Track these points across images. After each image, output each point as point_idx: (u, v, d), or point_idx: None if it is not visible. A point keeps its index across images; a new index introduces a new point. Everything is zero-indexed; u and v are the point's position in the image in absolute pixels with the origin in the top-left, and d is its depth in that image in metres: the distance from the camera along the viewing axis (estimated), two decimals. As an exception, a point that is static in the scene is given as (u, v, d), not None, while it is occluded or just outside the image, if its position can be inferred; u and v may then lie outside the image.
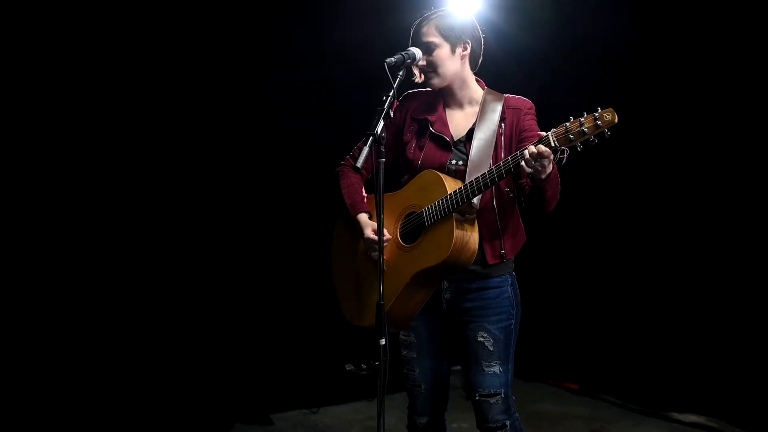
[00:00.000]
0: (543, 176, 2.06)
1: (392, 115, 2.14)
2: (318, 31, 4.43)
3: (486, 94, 2.39)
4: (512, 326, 2.36)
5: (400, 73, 2.22)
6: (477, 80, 2.44)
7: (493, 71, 2.65)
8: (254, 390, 4.18)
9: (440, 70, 2.32)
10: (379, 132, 2.04)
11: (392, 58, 2.21)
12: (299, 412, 4.17)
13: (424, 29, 2.33)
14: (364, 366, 2.04)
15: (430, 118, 2.38)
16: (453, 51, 2.32)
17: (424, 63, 2.31)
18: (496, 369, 2.32)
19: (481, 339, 2.32)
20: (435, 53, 2.31)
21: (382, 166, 2.05)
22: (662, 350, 4.28)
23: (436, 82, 2.34)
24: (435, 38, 2.31)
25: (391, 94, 2.13)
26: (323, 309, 3.42)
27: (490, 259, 2.30)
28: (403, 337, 2.45)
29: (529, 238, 2.48)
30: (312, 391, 4.25)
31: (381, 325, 2.03)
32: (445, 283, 2.35)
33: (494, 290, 2.33)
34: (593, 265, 4.68)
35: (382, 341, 2.01)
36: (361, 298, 2.40)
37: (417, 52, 2.29)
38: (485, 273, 2.32)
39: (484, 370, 2.33)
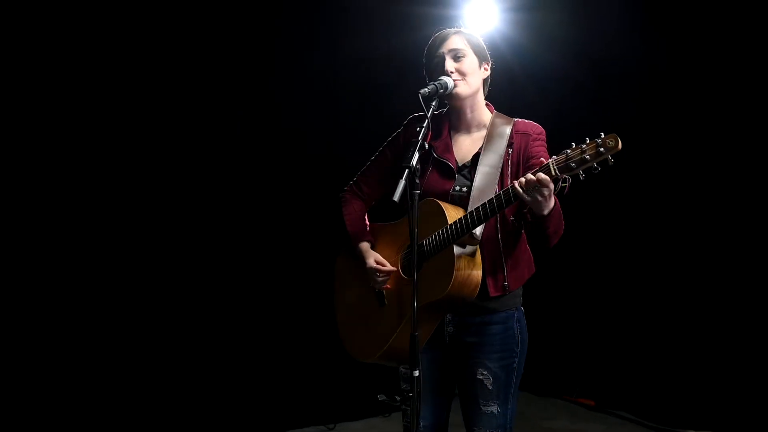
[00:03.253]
0: (545, 212, 1.96)
1: (426, 146, 2.06)
2: (327, 41, 4.45)
3: (495, 117, 2.29)
4: (515, 365, 2.23)
5: (434, 103, 2.15)
6: (486, 104, 2.36)
7: (510, 88, 2.59)
8: (271, 406, 4.19)
9: (469, 79, 2.23)
10: (414, 164, 1.97)
11: (426, 89, 2.14)
12: (315, 429, 4.18)
13: (453, 38, 2.26)
14: (398, 398, 2.01)
15: (433, 143, 2.29)
16: (479, 65, 2.28)
17: (452, 70, 2.23)
18: (494, 409, 2.20)
19: (481, 376, 2.20)
20: (464, 61, 2.24)
21: (417, 197, 1.97)
22: (678, 367, 4.29)
23: (463, 90, 2.23)
24: (465, 48, 2.26)
25: (425, 124, 2.07)
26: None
27: (492, 291, 2.18)
28: (403, 370, 2.24)
29: (543, 255, 2.33)
30: (328, 407, 4.26)
31: (415, 356, 1.96)
32: (449, 316, 2.24)
33: (499, 326, 2.22)
34: (609, 282, 4.68)
35: (416, 373, 1.94)
36: (363, 332, 2.33)
37: (449, 81, 2.21)
38: (490, 308, 2.20)
39: (481, 409, 2.21)
